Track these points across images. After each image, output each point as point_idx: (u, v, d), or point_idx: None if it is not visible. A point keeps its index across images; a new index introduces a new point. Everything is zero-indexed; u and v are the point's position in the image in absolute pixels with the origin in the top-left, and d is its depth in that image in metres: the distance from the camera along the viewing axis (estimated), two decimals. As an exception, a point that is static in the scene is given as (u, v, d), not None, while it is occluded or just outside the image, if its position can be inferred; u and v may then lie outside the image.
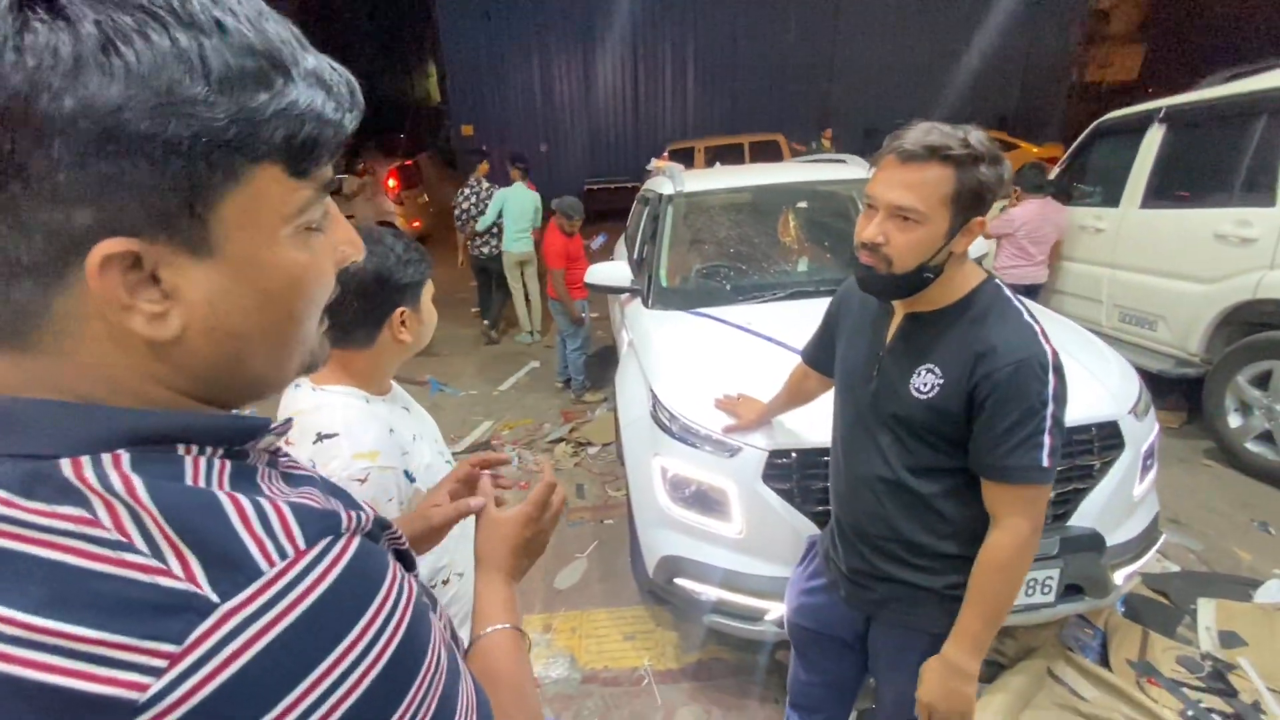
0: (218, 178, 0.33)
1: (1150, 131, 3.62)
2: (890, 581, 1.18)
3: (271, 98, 0.33)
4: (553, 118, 13.91)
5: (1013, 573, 1.04)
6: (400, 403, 1.05)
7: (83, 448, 0.32)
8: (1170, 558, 2.48)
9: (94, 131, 0.29)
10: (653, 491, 1.90)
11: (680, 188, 3.05)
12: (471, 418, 4.39)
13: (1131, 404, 1.81)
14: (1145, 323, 3.60)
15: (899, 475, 1.11)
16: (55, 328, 0.33)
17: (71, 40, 0.28)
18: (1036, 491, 1.02)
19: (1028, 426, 0.98)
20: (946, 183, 0.96)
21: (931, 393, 1.05)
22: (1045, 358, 0.99)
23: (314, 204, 0.38)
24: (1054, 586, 1.66)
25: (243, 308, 0.36)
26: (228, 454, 0.37)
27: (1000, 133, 11.14)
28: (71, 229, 0.30)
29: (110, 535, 0.30)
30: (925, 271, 1.02)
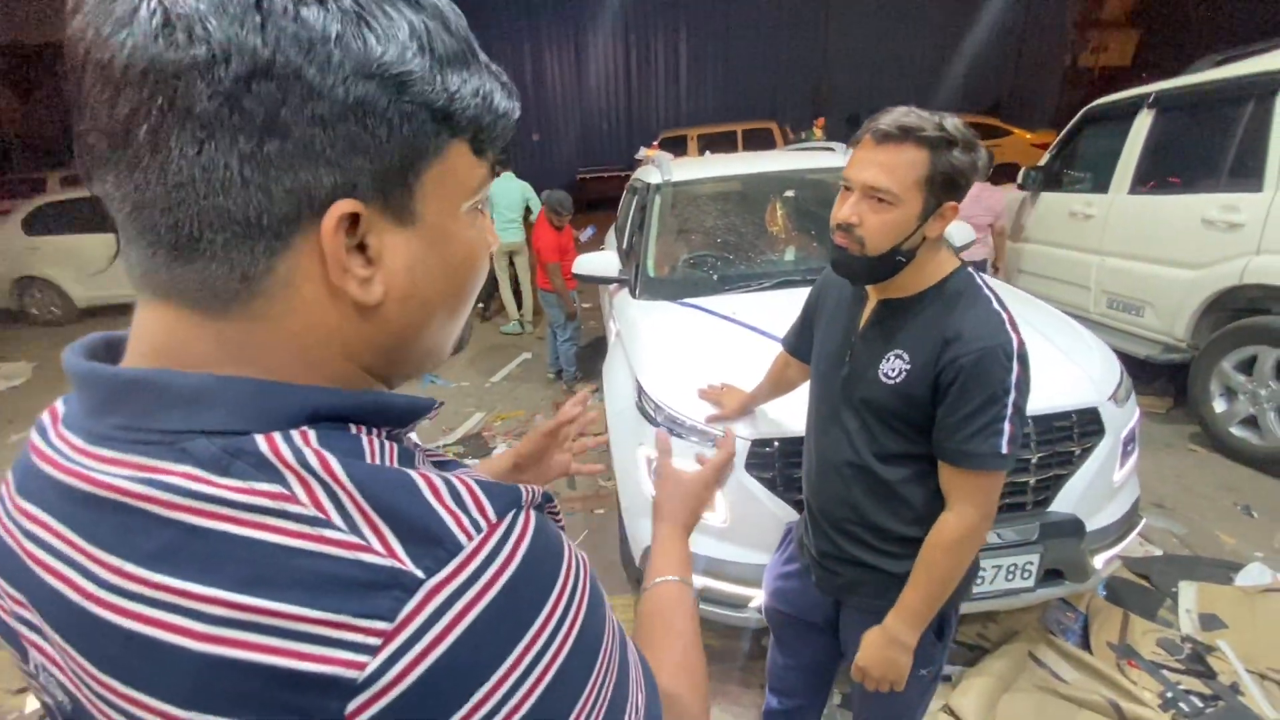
0: (429, 147, 0.35)
1: (1139, 117, 3.62)
2: (857, 565, 1.20)
3: (469, 78, 0.35)
4: (545, 107, 13.82)
5: (958, 555, 1.06)
6: None
7: (274, 424, 0.32)
8: (1153, 541, 2.51)
9: (348, 97, 0.31)
10: (638, 481, 1.90)
11: (668, 177, 3.04)
12: (464, 409, 4.39)
13: (1112, 390, 1.82)
14: (1133, 309, 3.62)
15: (866, 460, 1.13)
16: (270, 291, 0.33)
17: (337, 17, 0.31)
18: (992, 479, 1.04)
19: (989, 413, 0.99)
20: (920, 165, 0.97)
21: (899, 378, 1.06)
22: (1010, 346, 1.00)
23: (486, 184, 0.40)
24: (1034, 571, 1.68)
25: (433, 277, 0.38)
26: (389, 436, 0.37)
27: (993, 118, 11.11)
28: (314, 188, 0.32)
29: (308, 511, 0.30)
30: (898, 255, 1.03)
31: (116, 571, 0.31)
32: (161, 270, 0.33)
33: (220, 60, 0.29)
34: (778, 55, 13.57)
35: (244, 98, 0.29)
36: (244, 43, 0.29)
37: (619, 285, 2.90)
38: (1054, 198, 4.27)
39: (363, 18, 0.31)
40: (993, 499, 1.06)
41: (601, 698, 0.35)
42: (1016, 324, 1.04)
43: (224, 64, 0.29)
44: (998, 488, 1.07)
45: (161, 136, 0.30)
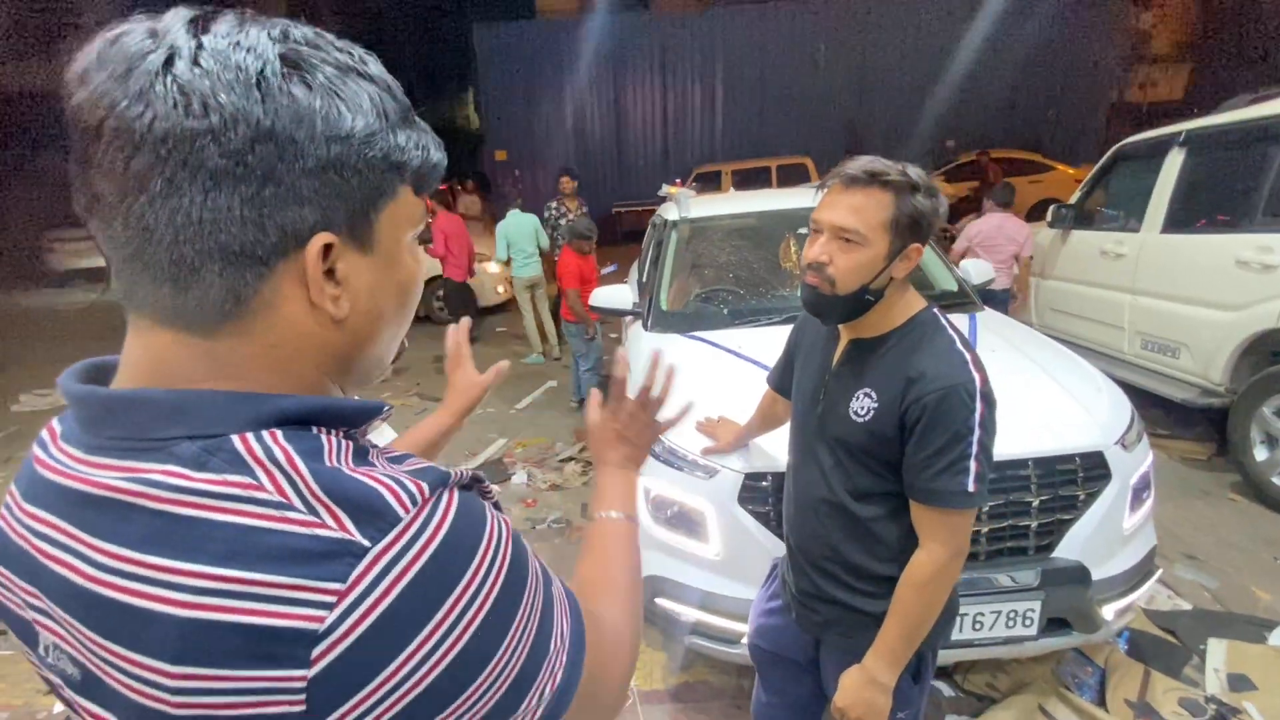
0: (386, 189, 0.44)
1: (1171, 155, 3.55)
2: (833, 604, 1.21)
3: (412, 134, 0.45)
4: (582, 142, 14.22)
5: (930, 593, 1.07)
6: None
7: (248, 426, 0.39)
8: (1182, 594, 2.39)
9: (328, 154, 0.40)
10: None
11: (684, 214, 3.12)
12: (487, 435, 4.49)
13: (1120, 434, 1.78)
14: (1168, 350, 3.50)
15: (840, 498, 1.15)
16: (255, 310, 0.41)
17: (318, 94, 0.39)
18: (960, 517, 1.05)
19: (954, 451, 1.01)
20: (886, 207, 1.03)
21: (868, 416, 1.09)
22: (973, 385, 1.02)
23: (424, 218, 0.49)
24: (1035, 619, 1.64)
25: (386, 295, 0.46)
26: (347, 435, 0.44)
27: (1035, 154, 10.95)
28: (300, 224, 0.40)
29: (273, 497, 0.36)
30: (866, 294, 1.07)
31: (113, 556, 0.37)
32: (165, 299, 0.39)
33: (230, 126, 0.36)
34: (812, 93, 13.71)
35: (248, 155, 0.37)
36: (249, 113, 0.37)
37: (634, 318, 2.97)
38: (1085, 235, 4.19)
39: (335, 92, 0.40)
40: (962, 537, 1.07)
41: (527, 633, 0.42)
42: (980, 363, 1.06)
43: (233, 129, 0.36)
44: (967, 526, 1.07)
45: (175, 185, 0.37)
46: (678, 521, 1.84)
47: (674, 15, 14.02)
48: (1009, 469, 1.66)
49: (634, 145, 14.40)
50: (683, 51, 13.76)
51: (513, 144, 14.18)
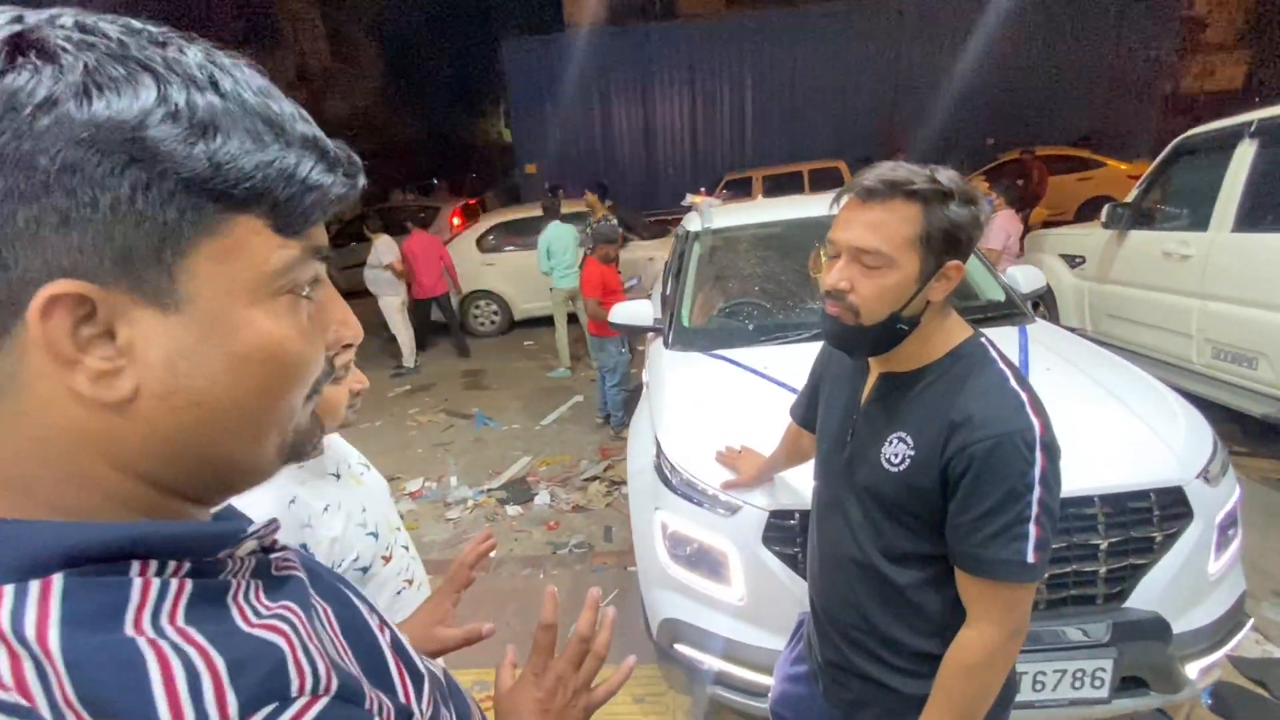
0: (189, 223, 0.31)
1: (1241, 147, 3.25)
2: (866, 680, 1.05)
3: (258, 151, 0.32)
4: (611, 152, 14.22)
5: (983, 680, 0.91)
6: (330, 468, 1.02)
7: (10, 573, 0.27)
8: (1272, 639, 2.12)
9: (55, 165, 0.28)
10: (654, 548, 1.80)
11: (707, 224, 2.98)
12: (511, 453, 4.41)
13: (1202, 466, 1.56)
14: (1244, 360, 3.19)
15: (871, 558, 0.99)
16: (1, 389, 0.30)
17: (51, 83, 0.28)
18: (1017, 592, 0.88)
19: (1009, 513, 0.84)
20: (913, 222, 0.87)
21: (903, 465, 0.93)
22: (1032, 433, 0.86)
23: (300, 265, 0.35)
24: (1106, 679, 1.43)
25: (208, 373, 0.33)
26: (196, 568, 0.32)
27: (1083, 150, 10.45)
28: (27, 270, 0.28)
29: (11, 698, 0.25)
30: (899, 323, 0.91)
31: None
32: None
33: None
34: (845, 94, 13.41)
35: None
36: None
37: (655, 334, 2.84)
38: (1145, 236, 3.89)
39: (95, 84, 0.28)
40: (1020, 614, 0.90)
41: None
42: (1040, 406, 0.89)
43: None
44: (1026, 602, 0.90)
45: None
46: (697, 561, 1.69)
47: (701, 21, 13.94)
48: (1072, 507, 1.46)
49: (663, 154, 14.32)
50: (711, 57, 13.65)
51: (543, 156, 14.27)
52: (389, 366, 6.68)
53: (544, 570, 2.95)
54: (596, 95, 13.89)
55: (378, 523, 1.04)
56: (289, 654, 0.31)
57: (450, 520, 3.57)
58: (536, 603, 2.81)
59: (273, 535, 0.39)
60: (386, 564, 1.07)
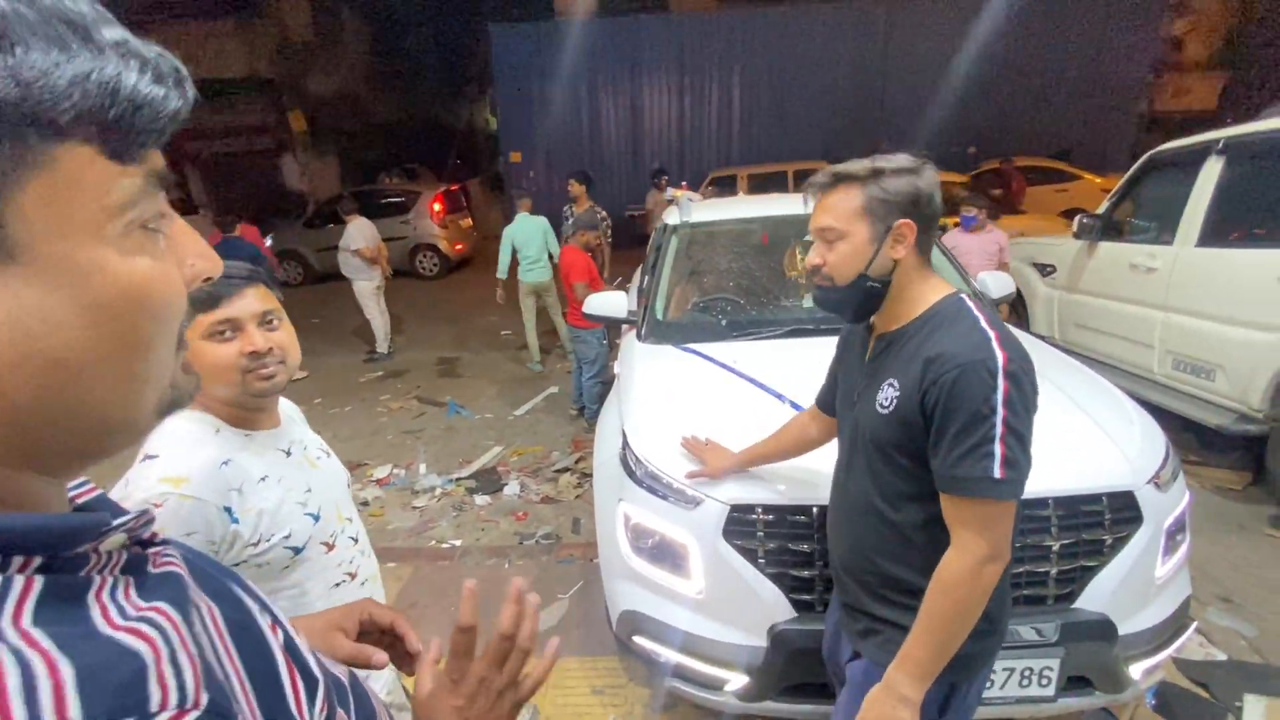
0: (8, 158, 0.26)
1: (1207, 164, 3.33)
2: (873, 618, 1.15)
3: (65, 61, 0.27)
4: (598, 144, 14.12)
5: (961, 596, 0.97)
6: (281, 444, 0.99)
7: None
8: (1215, 643, 2.18)
9: None
10: (616, 540, 1.79)
11: (685, 218, 2.97)
12: (483, 442, 4.37)
13: (1153, 472, 1.59)
14: (1202, 372, 3.27)
15: (875, 502, 1.10)
16: None
17: None
18: (992, 508, 0.96)
19: (975, 434, 0.94)
20: (855, 198, 1.07)
21: (891, 406, 1.05)
22: (995, 362, 0.94)
23: (145, 195, 0.31)
24: (1053, 678, 1.46)
25: (65, 327, 0.29)
26: (50, 564, 0.29)
27: (1062, 163, 10.64)
28: None
29: None
30: (868, 281, 1.07)
31: None
32: None
33: None
34: (832, 96, 13.48)
35: None
36: None
37: (629, 327, 2.82)
38: (1113, 248, 3.97)
39: None
40: (999, 533, 0.97)
41: None
42: (1011, 342, 0.97)
43: None
44: (1003, 519, 0.97)
45: None
46: (659, 554, 1.69)
47: (692, 15, 13.87)
48: (1025, 508, 1.47)
49: (650, 148, 14.25)
50: (700, 52, 13.60)
51: (527, 145, 14.13)
52: (361, 351, 6.58)
53: (509, 560, 2.93)
54: (584, 86, 13.77)
55: (322, 507, 1.02)
56: (152, 663, 0.28)
57: (417, 508, 3.53)
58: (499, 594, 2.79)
59: (146, 528, 0.35)
60: (329, 551, 1.04)
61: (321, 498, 1.03)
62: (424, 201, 10.38)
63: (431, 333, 7.37)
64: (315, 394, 5.51)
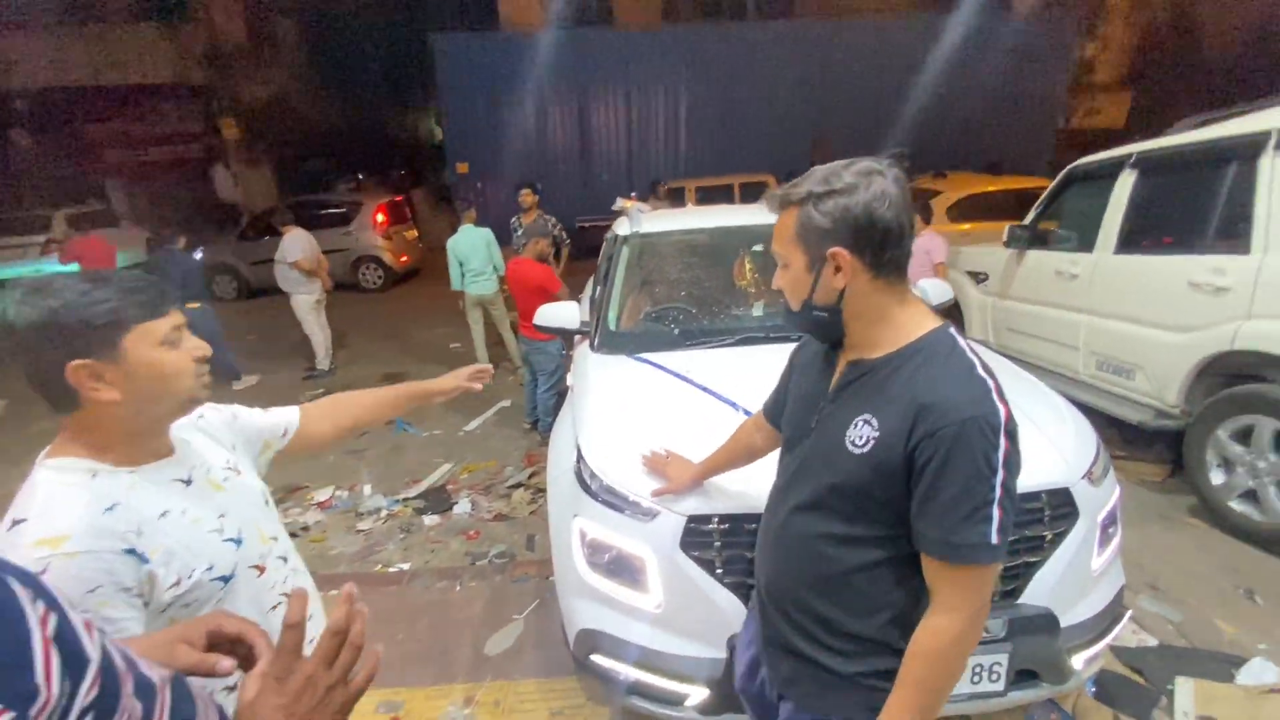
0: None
1: (1122, 177, 3.56)
2: (798, 658, 1.08)
3: None
4: (547, 156, 14.06)
5: (951, 663, 0.93)
6: (178, 473, 0.92)
7: None
8: (1147, 629, 2.30)
9: None
10: (571, 556, 1.74)
11: (636, 228, 2.97)
12: (432, 460, 4.24)
13: (1086, 468, 1.67)
14: (1123, 371, 3.48)
15: (817, 537, 1.02)
16: None
17: None
18: (982, 573, 0.91)
19: (975, 496, 0.87)
20: (789, 224, 1.01)
21: (867, 446, 0.95)
22: (997, 418, 0.88)
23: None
24: (1003, 673, 1.50)
25: None
26: None
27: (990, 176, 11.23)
28: None
29: None
30: (814, 309, 1.01)
31: None
32: None
33: None
34: (776, 111, 13.86)
35: None
36: None
37: (582, 338, 2.79)
38: (1040, 256, 4.19)
39: None
40: (986, 594, 0.93)
41: None
42: (1004, 395, 0.91)
43: None
44: (989, 583, 0.93)
45: None
46: (616, 569, 1.65)
47: (638, 30, 14.03)
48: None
49: (599, 159, 14.29)
50: (647, 66, 13.76)
51: (475, 157, 13.94)
52: (301, 368, 6.30)
53: (460, 582, 2.83)
54: (531, 97, 13.69)
55: (242, 529, 0.95)
56: None
57: (361, 531, 3.38)
58: (451, 617, 2.71)
59: None
60: (261, 575, 0.98)
61: (239, 520, 0.96)
62: (367, 212, 10.09)
63: (376, 347, 7.14)
64: (251, 414, 5.23)
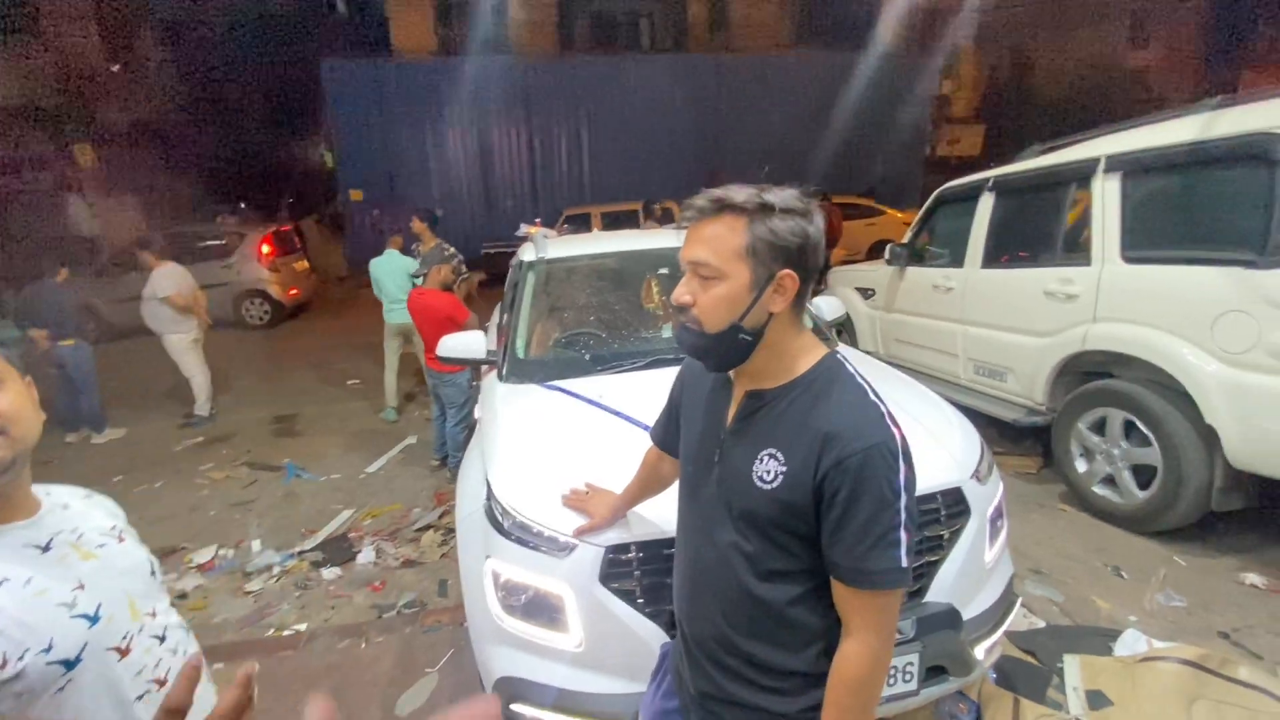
0: None
1: (983, 199, 3.95)
2: (740, 707, 1.04)
3: None
4: (447, 182, 13.76)
5: (875, 685, 0.94)
6: (37, 539, 0.79)
7: None
8: (1035, 611, 2.49)
9: None
10: (485, 601, 1.64)
11: (541, 254, 2.93)
12: (330, 506, 3.92)
13: (974, 468, 1.79)
14: (996, 375, 3.82)
15: (745, 581, 0.98)
16: None
17: None
18: (893, 597, 0.92)
19: (882, 522, 0.88)
20: (738, 234, 0.91)
21: (775, 482, 0.94)
22: (895, 443, 0.90)
23: None
24: (915, 672, 1.55)
25: None
26: None
27: (869, 200, 12.16)
28: None
29: None
30: (740, 333, 0.94)
31: None
32: None
33: None
34: (674, 139, 14.35)
35: None
36: None
37: (490, 367, 2.70)
38: (918, 272, 4.54)
39: None
40: (895, 618, 0.94)
41: None
42: (893, 416, 0.94)
43: None
44: (898, 603, 0.94)
45: None
46: (533, 610, 1.58)
47: (536, 60, 14.12)
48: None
49: (502, 186, 14.16)
50: (547, 95, 13.86)
51: (370, 184, 13.41)
52: (177, 415, 5.69)
53: (366, 638, 2.61)
54: (429, 124, 13.41)
55: (103, 604, 0.82)
56: None
57: (250, 593, 3.05)
58: (356, 679, 2.48)
59: None
60: (123, 658, 0.84)
61: (102, 593, 0.83)
62: (250, 243, 9.38)
63: (264, 388, 6.59)
64: (114, 470, 4.65)
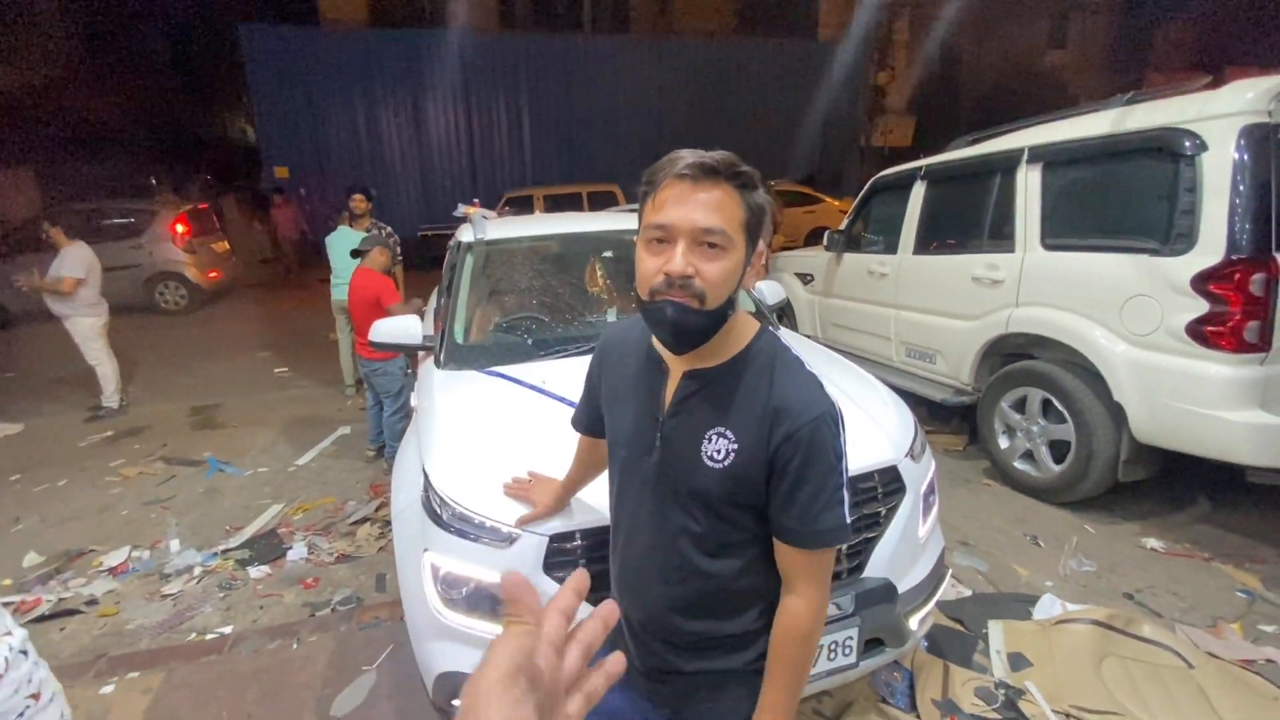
0: None
1: (915, 188, 4.08)
2: (688, 675, 1.07)
3: None
4: (381, 161, 13.16)
5: (815, 640, 0.99)
6: None
7: None
8: (962, 581, 2.62)
9: None
10: (423, 595, 1.58)
11: (480, 235, 2.83)
12: (257, 501, 3.72)
13: (909, 447, 1.85)
14: (926, 357, 3.98)
15: (693, 559, 1.00)
16: None
17: None
18: (832, 553, 0.99)
19: (829, 486, 0.92)
20: (739, 205, 0.87)
21: (726, 460, 0.94)
22: (836, 410, 0.94)
23: None
24: (854, 646, 1.60)
25: None
26: None
27: (808, 188, 12.43)
28: None
29: None
30: (730, 309, 0.92)
31: None
32: None
33: None
34: (616, 123, 14.22)
35: None
36: None
37: (426, 353, 2.59)
38: (854, 258, 4.67)
39: None
40: (831, 572, 1.00)
41: None
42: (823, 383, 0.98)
43: None
44: (832, 560, 1.00)
45: None
46: (475, 602, 1.53)
47: (474, 35, 13.63)
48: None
49: (439, 166, 13.67)
50: (486, 73, 13.44)
51: (296, 160, 12.67)
52: (82, 408, 5.25)
53: (298, 638, 2.49)
54: (360, 98, 12.76)
55: None
56: None
57: (169, 596, 2.85)
58: (288, 681, 2.37)
59: None
60: None
61: None
62: (162, 222, 8.71)
63: (180, 378, 6.17)
64: (11, 468, 4.25)
